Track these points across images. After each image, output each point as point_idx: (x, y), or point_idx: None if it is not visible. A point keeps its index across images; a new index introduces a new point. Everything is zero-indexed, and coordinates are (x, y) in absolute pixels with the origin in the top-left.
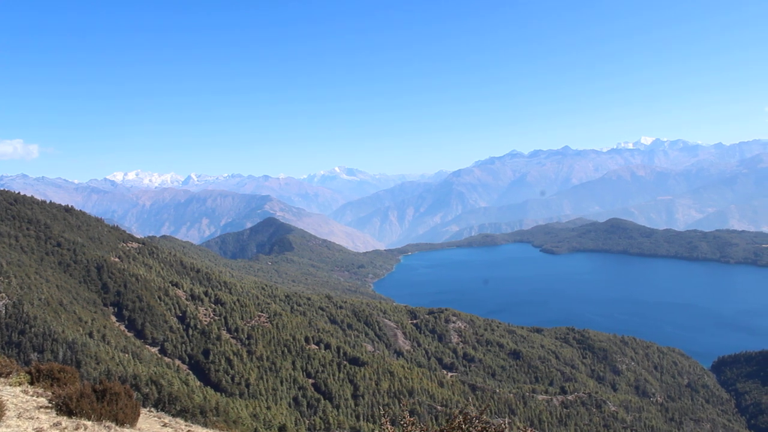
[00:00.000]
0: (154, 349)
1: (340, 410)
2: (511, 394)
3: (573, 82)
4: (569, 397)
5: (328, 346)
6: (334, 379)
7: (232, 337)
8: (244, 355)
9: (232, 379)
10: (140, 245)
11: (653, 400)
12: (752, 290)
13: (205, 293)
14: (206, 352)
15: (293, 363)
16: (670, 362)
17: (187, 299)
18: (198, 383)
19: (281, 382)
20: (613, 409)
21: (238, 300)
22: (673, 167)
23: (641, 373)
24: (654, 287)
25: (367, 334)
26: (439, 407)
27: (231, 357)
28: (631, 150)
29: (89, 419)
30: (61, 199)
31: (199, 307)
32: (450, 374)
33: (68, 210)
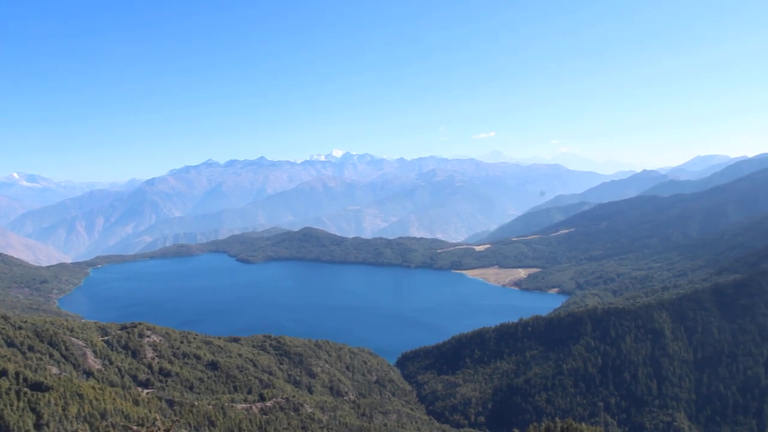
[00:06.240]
0: None
1: None
2: (210, 406)
3: (266, 92)
4: (268, 404)
5: (4, 373)
6: (12, 410)
7: None
8: None
9: None
10: None
11: (346, 398)
12: (429, 291)
13: None
14: None
15: None
16: (361, 361)
17: None
18: None
19: None
20: (310, 410)
21: None
22: (361, 179)
23: (335, 374)
24: (345, 292)
25: (51, 356)
26: (134, 427)
27: None
28: (323, 162)
29: None
30: None
31: None
32: (146, 391)
33: None
